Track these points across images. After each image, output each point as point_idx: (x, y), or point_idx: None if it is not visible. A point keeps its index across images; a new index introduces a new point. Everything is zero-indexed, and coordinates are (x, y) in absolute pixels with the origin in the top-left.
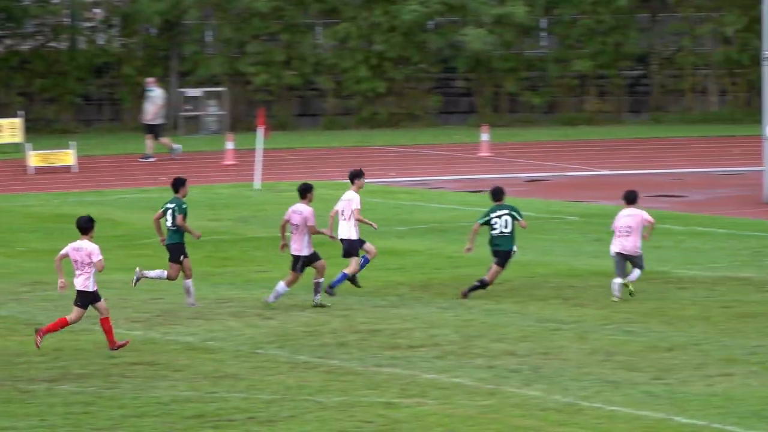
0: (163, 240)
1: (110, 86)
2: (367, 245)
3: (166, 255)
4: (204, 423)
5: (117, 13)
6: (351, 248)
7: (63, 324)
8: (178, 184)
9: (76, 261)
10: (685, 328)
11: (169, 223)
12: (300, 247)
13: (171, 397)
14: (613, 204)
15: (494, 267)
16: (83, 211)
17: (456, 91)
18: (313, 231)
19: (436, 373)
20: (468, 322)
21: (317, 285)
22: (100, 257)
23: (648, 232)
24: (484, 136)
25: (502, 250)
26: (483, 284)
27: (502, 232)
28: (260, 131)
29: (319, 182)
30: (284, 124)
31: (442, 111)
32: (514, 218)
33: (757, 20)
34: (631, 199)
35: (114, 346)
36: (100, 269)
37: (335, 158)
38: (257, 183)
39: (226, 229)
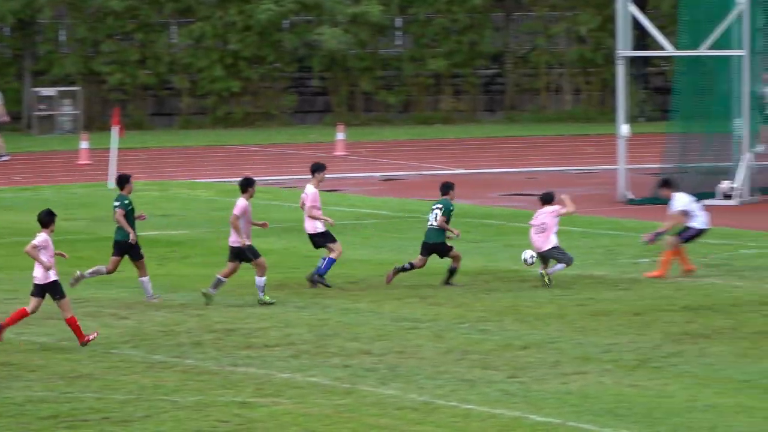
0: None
1: None
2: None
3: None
4: (58, 423)
5: None
6: (323, 238)
7: (74, 324)
8: (123, 181)
9: None
10: (540, 327)
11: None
12: (236, 238)
13: (25, 398)
14: (468, 203)
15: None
16: None
17: (311, 90)
18: (232, 220)
19: (291, 372)
20: (323, 321)
21: (219, 281)
22: (32, 244)
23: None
24: (340, 135)
25: (428, 243)
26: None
27: (431, 225)
28: (115, 130)
29: (173, 182)
30: (139, 124)
31: (298, 110)
32: (444, 213)
33: (610, 19)
34: (546, 199)
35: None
36: (26, 250)
37: (190, 158)
38: (111, 182)
39: (80, 229)
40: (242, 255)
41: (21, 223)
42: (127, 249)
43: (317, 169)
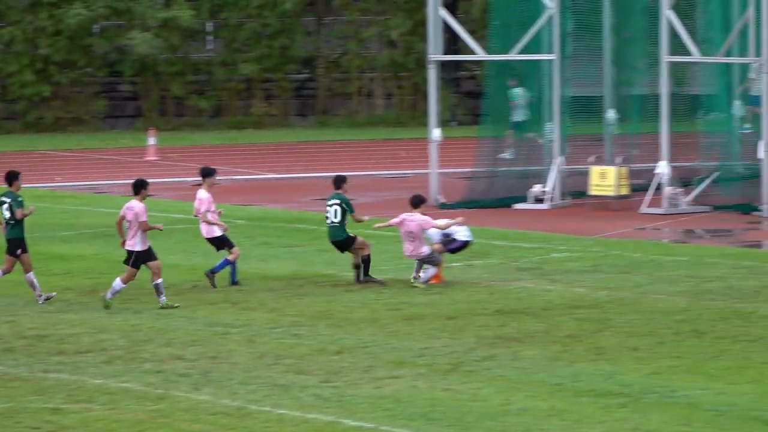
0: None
1: None
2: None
3: None
4: None
5: None
6: (221, 242)
7: None
8: (11, 178)
9: None
10: (353, 331)
11: (7, 217)
12: (133, 242)
13: None
14: (280, 207)
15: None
16: None
17: (122, 95)
18: (144, 227)
19: (103, 378)
20: (136, 327)
21: (157, 287)
22: None
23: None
24: (151, 140)
25: (331, 240)
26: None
27: (332, 222)
28: None
29: None
30: None
31: (109, 115)
32: (344, 209)
33: (421, 23)
34: (415, 203)
35: None
36: None
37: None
38: None
39: None
40: (131, 257)
41: None
42: (21, 245)
43: (207, 174)
